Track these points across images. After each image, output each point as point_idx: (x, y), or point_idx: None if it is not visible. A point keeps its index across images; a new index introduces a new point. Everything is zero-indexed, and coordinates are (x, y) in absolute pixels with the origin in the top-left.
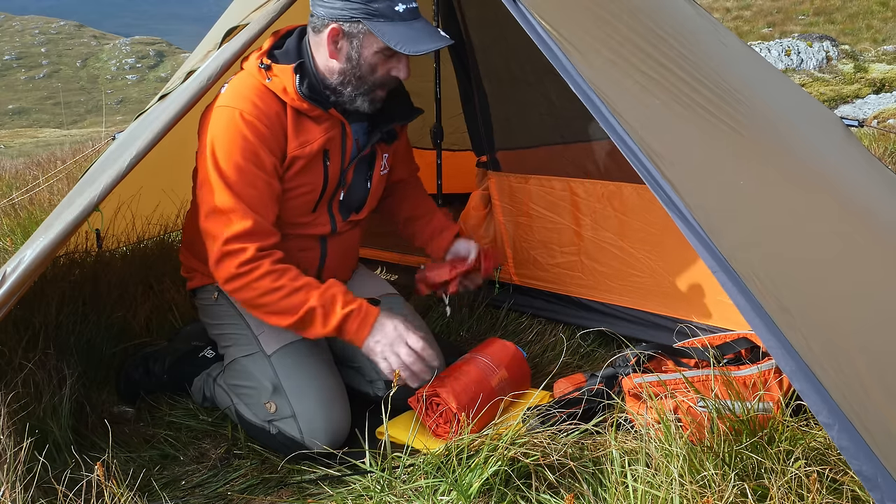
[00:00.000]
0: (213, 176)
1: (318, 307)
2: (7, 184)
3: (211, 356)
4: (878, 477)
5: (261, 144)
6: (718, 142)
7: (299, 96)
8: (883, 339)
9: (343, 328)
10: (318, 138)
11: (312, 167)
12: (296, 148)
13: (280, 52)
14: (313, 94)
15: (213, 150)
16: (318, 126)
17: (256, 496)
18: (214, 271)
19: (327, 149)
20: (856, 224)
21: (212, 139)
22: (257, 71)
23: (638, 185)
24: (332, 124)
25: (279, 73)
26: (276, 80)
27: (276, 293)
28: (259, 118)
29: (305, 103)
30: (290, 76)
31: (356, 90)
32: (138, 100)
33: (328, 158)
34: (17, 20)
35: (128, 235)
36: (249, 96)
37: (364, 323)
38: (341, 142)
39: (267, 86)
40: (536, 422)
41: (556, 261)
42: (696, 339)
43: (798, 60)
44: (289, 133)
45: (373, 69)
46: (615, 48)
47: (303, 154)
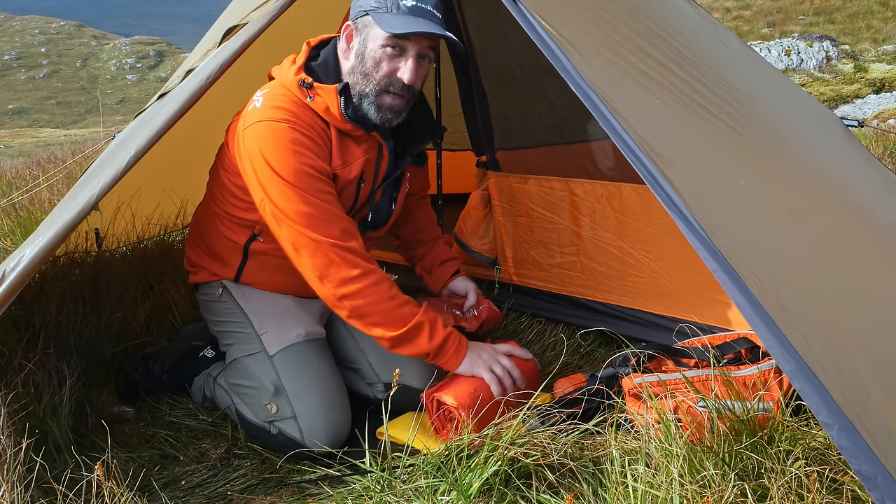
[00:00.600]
0: (282, 187)
1: (426, 322)
2: (7, 183)
3: (211, 356)
4: (878, 476)
5: (314, 149)
6: (718, 141)
7: (343, 118)
8: (883, 338)
9: (444, 346)
10: (358, 158)
11: (347, 188)
12: (339, 166)
13: (318, 66)
14: (357, 116)
15: (267, 163)
16: (358, 147)
17: (256, 496)
18: (324, 277)
19: (364, 170)
20: (856, 224)
21: (262, 153)
22: (298, 89)
23: (637, 186)
24: (371, 146)
25: (322, 93)
26: (318, 100)
27: (392, 301)
28: (303, 127)
29: (349, 124)
30: (335, 98)
31: (362, 90)
32: (138, 100)
33: (362, 181)
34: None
35: (128, 235)
36: (289, 108)
37: (461, 345)
38: (376, 163)
39: (308, 104)
40: (536, 422)
41: (556, 261)
42: (696, 339)
43: (798, 60)
44: (333, 150)
45: (377, 64)
46: (615, 48)
47: (343, 174)
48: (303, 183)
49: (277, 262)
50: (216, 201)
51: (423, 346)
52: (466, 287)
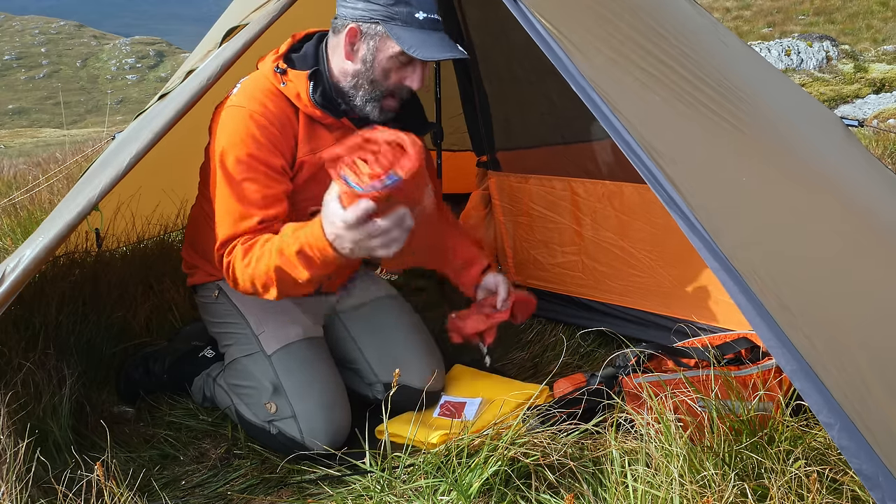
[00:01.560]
0: (220, 175)
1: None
2: (7, 184)
3: (211, 356)
4: (879, 476)
5: (269, 144)
6: (720, 140)
7: (312, 103)
8: (884, 337)
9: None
10: (328, 145)
11: (323, 177)
12: (306, 153)
13: (297, 57)
14: (326, 101)
15: (221, 148)
16: (329, 134)
17: (256, 496)
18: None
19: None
20: (857, 223)
21: (220, 137)
22: (272, 74)
23: (638, 185)
24: (343, 133)
25: (294, 78)
26: (290, 86)
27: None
28: (269, 119)
29: (318, 111)
30: (304, 83)
31: (367, 95)
32: (138, 100)
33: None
34: (17, 20)
35: (128, 235)
36: (261, 98)
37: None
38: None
39: (281, 90)
40: (536, 422)
41: (557, 260)
42: (696, 339)
43: (798, 60)
44: (300, 138)
45: (385, 74)
46: (616, 46)
47: (311, 160)
48: (244, 175)
49: None
50: (206, 199)
51: (301, 274)
52: (496, 282)
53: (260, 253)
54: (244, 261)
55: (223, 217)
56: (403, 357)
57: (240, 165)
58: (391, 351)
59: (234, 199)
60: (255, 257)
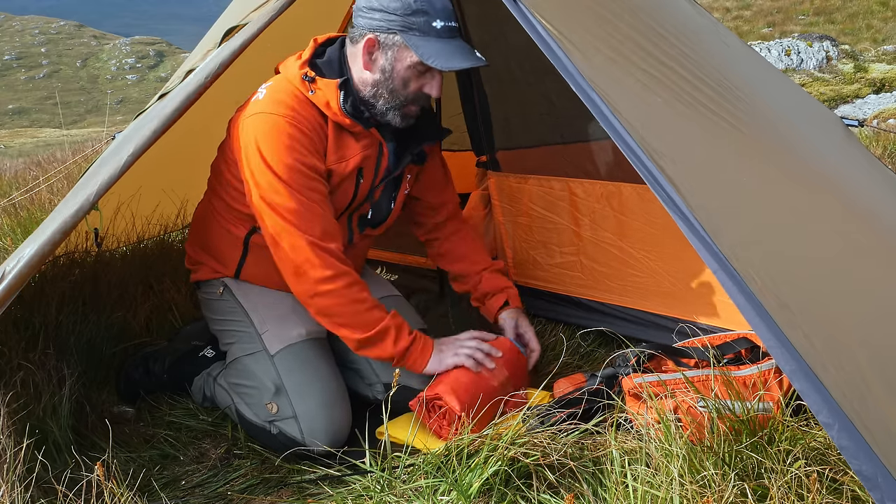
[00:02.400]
0: (272, 180)
1: (392, 327)
2: (7, 183)
3: (211, 356)
4: (879, 476)
5: (308, 145)
6: (719, 140)
7: (342, 112)
8: (884, 337)
9: (408, 350)
10: (355, 155)
11: (345, 182)
12: (334, 161)
13: (323, 63)
14: (356, 111)
15: (260, 154)
16: (356, 143)
17: (256, 496)
18: (299, 274)
19: (362, 167)
20: (856, 223)
21: (256, 143)
22: (300, 82)
23: (637, 185)
24: (370, 143)
25: (323, 87)
26: (319, 94)
27: (361, 304)
28: (301, 123)
29: (348, 119)
30: (335, 92)
31: (388, 103)
32: (138, 100)
33: (361, 176)
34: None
35: (128, 235)
36: (290, 104)
37: (426, 347)
38: (376, 161)
39: (309, 98)
40: (536, 422)
41: (556, 261)
42: (696, 339)
43: (798, 60)
44: (329, 145)
45: (405, 83)
46: (615, 47)
47: (338, 169)
48: (293, 178)
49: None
50: (217, 196)
51: (387, 349)
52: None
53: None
54: (360, 297)
55: (291, 219)
56: None
57: (286, 168)
58: None
59: (294, 199)
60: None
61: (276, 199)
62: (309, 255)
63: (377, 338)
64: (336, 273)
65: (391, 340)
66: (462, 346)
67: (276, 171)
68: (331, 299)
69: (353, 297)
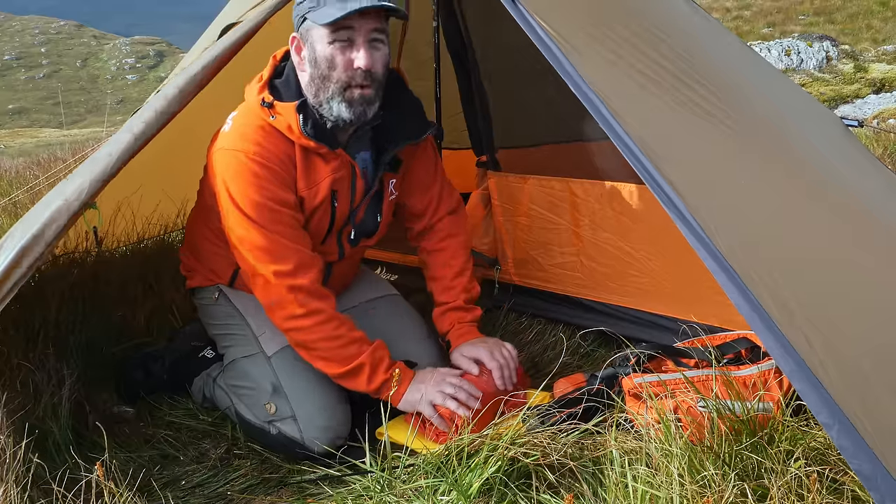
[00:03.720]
0: (239, 218)
1: (368, 365)
2: (8, 183)
3: (211, 356)
4: (878, 476)
5: (274, 180)
6: (718, 141)
7: (304, 136)
8: (883, 337)
9: (383, 387)
10: (324, 178)
11: (319, 211)
12: (304, 188)
13: (281, 83)
14: (318, 132)
15: (229, 193)
16: (325, 165)
17: (256, 496)
18: (272, 310)
19: (335, 189)
20: (856, 224)
21: (224, 182)
22: (259, 109)
23: (637, 186)
24: (340, 164)
25: (282, 111)
26: (280, 119)
27: (336, 341)
28: (267, 158)
29: (312, 142)
30: (294, 116)
31: (326, 94)
32: (138, 100)
33: (336, 199)
34: (17, 20)
35: (128, 235)
36: (254, 137)
37: (401, 386)
38: (350, 182)
39: (272, 124)
40: (536, 422)
41: (556, 261)
42: (696, 339)
43: (798, 60)
44: (298, 173)
45: (330, 63)
46: (614, 48)
47: (309, 196)
48: (261, 216)
49: None
50: (204, 218)
51: (361, 385)
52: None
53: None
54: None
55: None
56: (404, 354)
57: (253, 206)
58: (392, 348)
59: (263, 236)
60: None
61: (246, 236)
62: (281, 293)
63: (351, 374)
64: (308, 311)
65: (365, 378)
66: (443, 385)
67: (243, 209)
68: (304, 335)
69: (328, 333)
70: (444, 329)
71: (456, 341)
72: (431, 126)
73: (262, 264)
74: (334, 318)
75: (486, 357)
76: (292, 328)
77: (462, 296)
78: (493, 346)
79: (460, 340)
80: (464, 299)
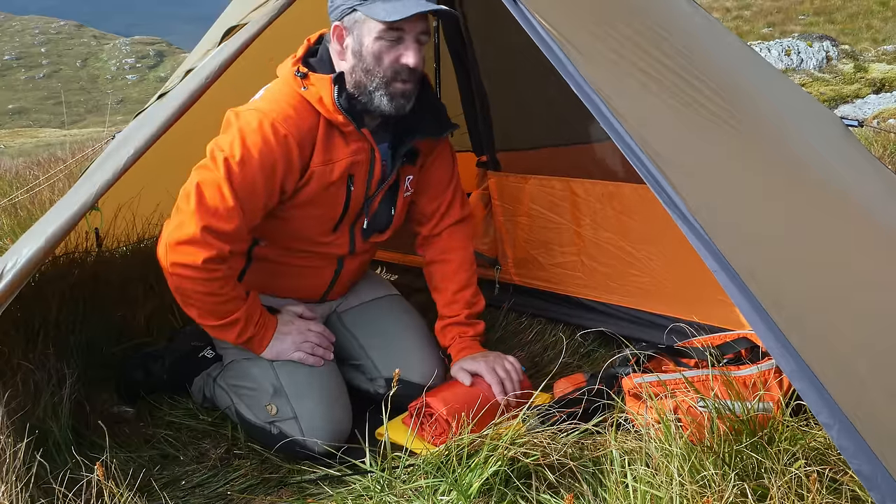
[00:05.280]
0: (222, 165)
1: (242, 320)
2: (7, 183)
3: (211, 356)
4: (878, 476)
5: (282, 158)
6: (719, 141)
7: (336, 108)
8: (883, 338)
9: (250, 341)
10: (342, 158)
11: (334, 189)
12: (319, 163)
13: (316, 61)
14: (350, 107)
15: (233, 142)
16: (346, 146)
17: (256, 496)
18: (170, 246)
19: (352, 174)
20: (856, 224)
21: (240, 133)
22: (293, 79)
23: (638, 185)
24: (360, 148)
25: (316, 82)
26: (312, 90)
27: (217, 297)
28: (290, 130)
29: (341, 115)
30: (329, 86)
31: (369, 87)
32: (138, 100)
33: (352, 183)
34: (17, 20)
35: (128, 235)
36: (283, 103)
37: (265, 336)
38: (368, 167)
39: (303, 95)
40: (536, 422)
41: (556, 261)
42: (696, 339)
43: (798, 60)
44: (316, 147)
45: (377, 58)
46: (615, 48)
47: (323, 172)
48: (244, 177)
49: (280, 269)
50: None
51: (231, 338)
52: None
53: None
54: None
55: (209, 202)
56: (405, 353)
57: (244, 165)
58: (393, 346)
59: (229, 192)
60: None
61: (211, 178)
62: (198, 237)
63: (225, 327)
64: (210, 267)
65: (237, 331)
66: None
67: (234, 164)
68: (191, 285)
69: (213, 289)
70: (446, 343)
71: (457, 355)
72: (453, 126)
73: (201, 207)
74: (223, 278)
75: (486, 371)
76: (181, 274)
77: (464, 311)
78: (495, 361)
79: (461, 354)
80: (466, 315)
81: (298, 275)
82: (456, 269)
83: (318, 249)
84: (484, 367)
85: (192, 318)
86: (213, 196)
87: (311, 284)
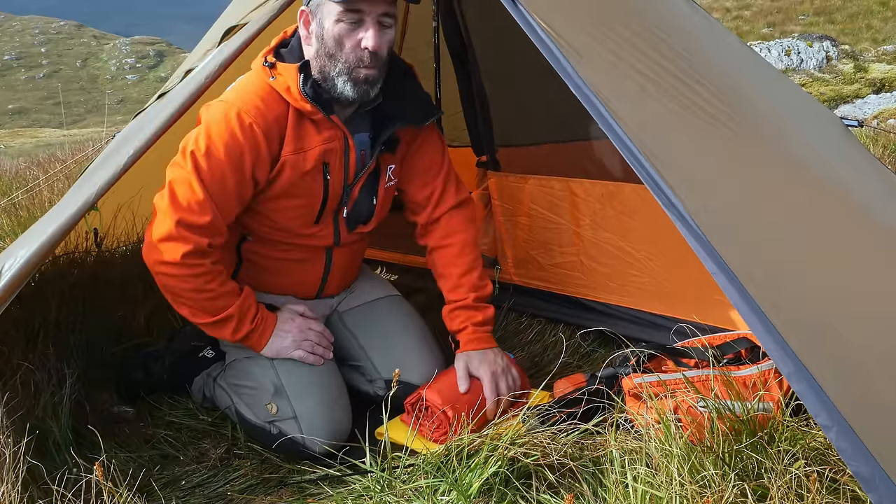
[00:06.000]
0: (189, 162)
1: (236, 316)
2: (7, 183)
3: (211, 356)
4: (876, 478)
5: (249, 148)
6: (718, 143)
7: (302, 96)
8: (882, 340)
9: (248, 337)
10: (315, 147)
11: (310, 178)
12: (290, 153)
13: (286, 51)
14: (317, 95)
15: (199, 136)
16: (317, 134)
17: (256, 496)
18: (151, 245)
19: (327, 161)
20: (856, 224)
21: (206, 126)
22: (262, 70)
23: (637, 185)
24: (332, 135)
25: (283, 71)
26: (280, 79)
27: (205, 293)
28: (257, 121)
29: (308, 104)
30: (294, 75)
31: (332, 72)
32: (138, 100)
33: (328, 172)
34: (17, 20)
35: (128, 235)
36: (253, 96)
37: (265, 332)
38: (343, 155)
39: (271, 84)
40: (536, 422)
41: (556, 261)
42: (696, 339)
43: (798, 60)
44: (287, 136)
45: (338, 42)
46: (614, 49)
47: (296, 161)
48: (212, 171)
49: (271, 264)
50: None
51: (227, 335)
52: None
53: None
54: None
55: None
56: (405, 354)
57: (211, 158)
58: (393, 348)
59: (199, 187)
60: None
61: (181, 175)
62: (175, 233)
63: (219, 324)
64: (191, 263)
65: (231, 328)
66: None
67: (200, 158)
68: (178, 283)
69: (199, 286)
70: (455, 328)
71: (465, 346)
72: (437, 112)
73: (175, 204)
74: (208, 273)
75: (487, 384)
76: (166, 273)
77: (471, 294)
78: (500, 375)
79: (470, 346)
80: (473, 297)
81: (289, 270)
82: (458, 253)
83: (304, 242)
84: (487, 378)
85: (185, 317)
86: (183, 191)
87: (304, 279)
